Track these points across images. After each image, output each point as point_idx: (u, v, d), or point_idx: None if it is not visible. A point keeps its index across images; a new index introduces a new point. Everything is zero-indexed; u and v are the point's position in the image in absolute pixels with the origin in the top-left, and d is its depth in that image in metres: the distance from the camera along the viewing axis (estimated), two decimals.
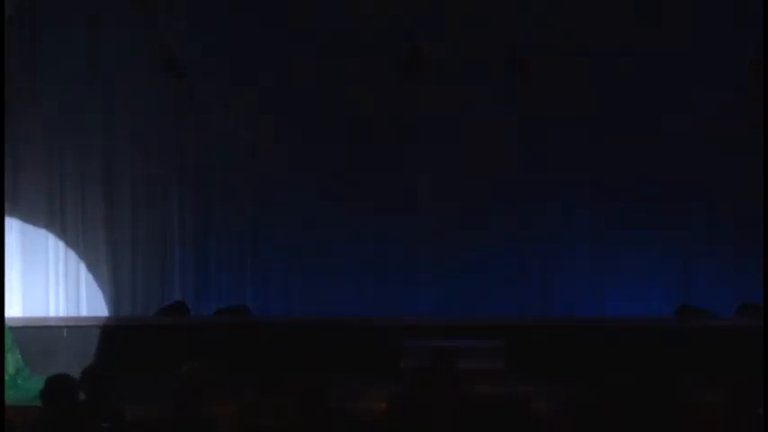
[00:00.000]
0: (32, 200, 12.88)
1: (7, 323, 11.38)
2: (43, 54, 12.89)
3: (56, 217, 12.96)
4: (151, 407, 8.13)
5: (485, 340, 11.41)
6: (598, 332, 11.78)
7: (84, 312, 12.85)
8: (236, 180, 13.15)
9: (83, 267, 12.99)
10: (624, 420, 7.44)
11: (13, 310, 12.39)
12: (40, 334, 11.63)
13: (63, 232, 12.94)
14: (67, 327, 11.96)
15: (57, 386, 7.25)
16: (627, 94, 12.76)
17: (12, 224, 12.46)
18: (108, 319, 12.62)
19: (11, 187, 12.36)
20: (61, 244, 12.94)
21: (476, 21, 12.81)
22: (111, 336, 11.63)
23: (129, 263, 13.07)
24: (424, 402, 7.89)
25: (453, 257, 12.99)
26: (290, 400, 7.70)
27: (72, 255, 12.96)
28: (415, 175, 13.04)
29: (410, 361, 10.93)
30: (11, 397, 9.76)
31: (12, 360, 11.09)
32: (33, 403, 9.94)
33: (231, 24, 12.94)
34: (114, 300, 13.00)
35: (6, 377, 10.65)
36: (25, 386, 10.77)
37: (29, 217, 12.79)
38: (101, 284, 12.99)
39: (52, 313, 12.80)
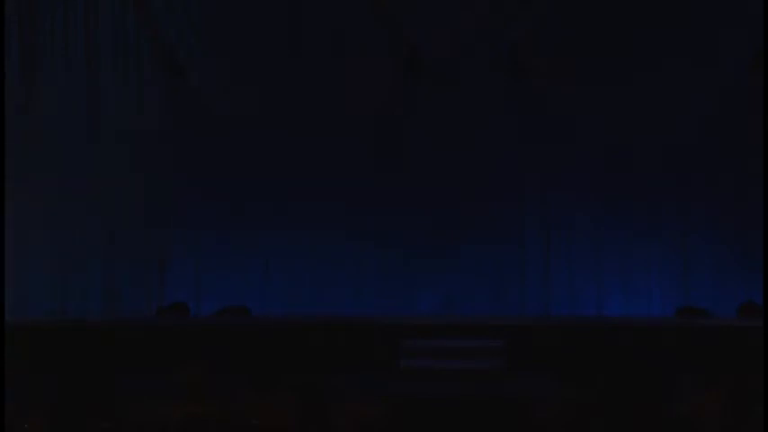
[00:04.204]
0: (32, 197, 12.86)
1: (6, 323, 11.35)
2: (42, 52, 12.89)
3: (56, 215, 12.94)
4: (151, 407, 8.12)
5: (485, 340, 11.41)
6: (598, 332, 11.77)
7: (83, 312, 12.83)
8: (236, 180, 13.13)
9: (82, 267, 12.97)
10: (623, 420, 7.44)
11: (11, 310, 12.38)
12: (40, 334, 11.61)
13: (63, 231, 12.92)
14: (67, 327, 11.94)
15: (57, 386, 7.26)
16: (627, 95, 12.76)
17: (11, 222, 12.44)
18: (108, 319, 12.61)
19: (10, 184, 12.34)
20: (60, 243, 12.92)
21: (475, 21, 12.82)
22: (111, 336, 11.62)
23: (129, 262, 13.06)
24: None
25: (453, 257, 12.99)
26: (290, 400, 7.72)
27: (72, 254, 12.94)
28: (414, 175, 13.03)
29: (410, 361, 10.95)
30: None
31: None
32: None
33: (231, 24, 12.96)
34: (114, 300, 12.99)
35: None
36: None
37: (28, 215, 12.78)
38: (100, 284, 12.98)
39: (51, 313, 12.78)
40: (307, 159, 13.02)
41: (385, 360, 11.05)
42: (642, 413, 7.60)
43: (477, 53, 12.89)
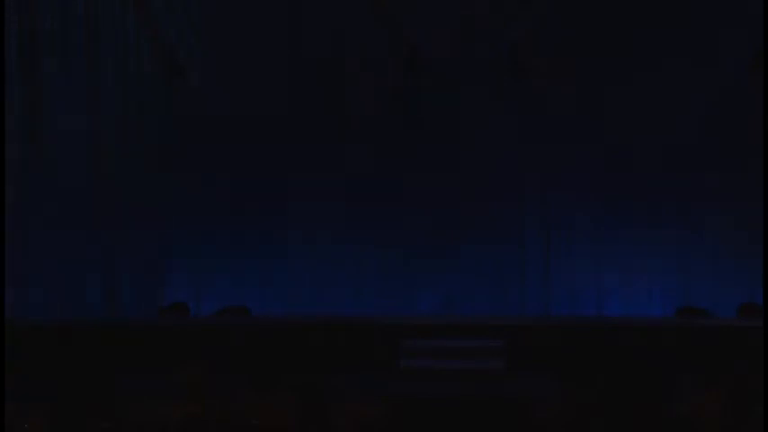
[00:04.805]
0: (32, 197, 12.85)
1: (6, 323, 11.35)
2: (42, 52, 12.89)
3: (55, 214, 12.92)
4: (151, 407, 8.12)
5: (485, 340, 11.41)
6: (598, 332, 11.77)
7: (84, 313, 12.83)
8: (236, 180, 13.14)
9: (83, 267, 12.97)
10: (623, 420, 7.44)
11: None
12: (40, 334, 11.61)
13: (63, 231, 12.91)
14: (67, 327, 11.94)
15: (57, 386, 7.25)
16: (627, 95, 12.78)
17: (11, 222, 12.43)
18: (108, 319, 12.61)
19: (10, 184, 12.34)
20: (61, 243, 12.91)
21: (475, 21, 12.83)
22: (111, 336, 11.62)
23: (129, 263, 13.06)
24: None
25: (453, 257, 13.00)
26: (290, 400, 7.71)
27: (72, 254, 12.93)
28: (414, 175, 13.04)
29: (410, 361, 10.94)
30: None
31: None
32: None
33: (231, 24, 12.96)
34: (114, 300, 12.99)
35: None
36: None
37: (28, 215, 12.77)
38: (101, 285, 12.98)
39: (51, 313, 12.78)
40: (307, 159, 13.03)
41: (385, 360, 11.04)
42: (642, 413, 7.60)
43: (477, 53, 12.91)
